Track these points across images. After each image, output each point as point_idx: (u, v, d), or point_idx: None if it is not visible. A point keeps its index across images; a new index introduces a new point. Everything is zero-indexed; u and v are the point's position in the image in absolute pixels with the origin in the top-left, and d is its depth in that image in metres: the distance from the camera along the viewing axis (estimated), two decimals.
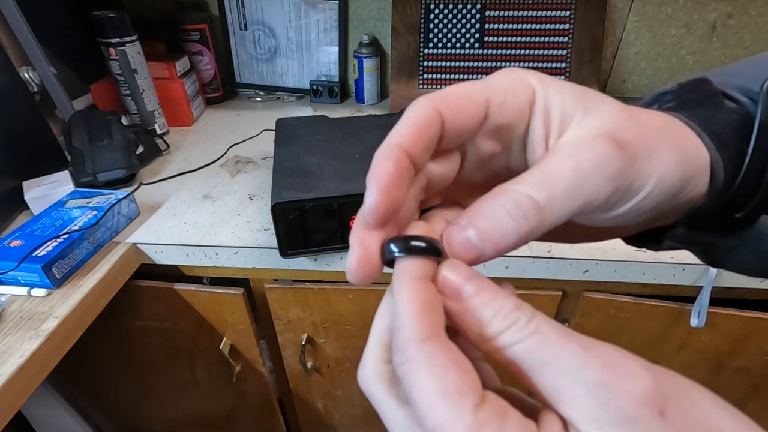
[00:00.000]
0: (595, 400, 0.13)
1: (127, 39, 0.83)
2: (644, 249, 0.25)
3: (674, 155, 0.18)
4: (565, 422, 0.13)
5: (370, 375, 0.17)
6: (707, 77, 0.21)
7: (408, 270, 0.16)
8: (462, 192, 0.21)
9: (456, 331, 0.16)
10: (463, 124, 0.17)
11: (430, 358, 0.14)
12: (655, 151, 0.17)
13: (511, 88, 0.17)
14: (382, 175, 0.16)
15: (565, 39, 0.94)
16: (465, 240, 0.16)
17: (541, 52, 0.95)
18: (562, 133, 0.18)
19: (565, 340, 0.14)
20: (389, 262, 0.17)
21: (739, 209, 0.20)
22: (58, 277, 0.54)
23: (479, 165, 0.20)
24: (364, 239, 0.17)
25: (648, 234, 0.23)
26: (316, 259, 0.61)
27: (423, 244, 0.16)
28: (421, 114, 0.17)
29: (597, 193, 0.16)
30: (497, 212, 0.16)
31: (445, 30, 0.96)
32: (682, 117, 0.20)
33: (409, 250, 0.16)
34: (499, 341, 0.14)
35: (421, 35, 0.97)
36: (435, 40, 0.97)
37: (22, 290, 0.53)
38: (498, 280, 0.16)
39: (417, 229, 0.17)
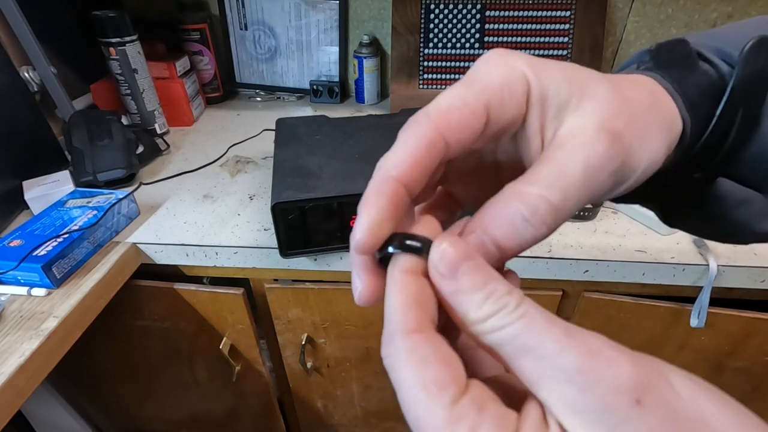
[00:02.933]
0: (573, 385, 0.12)
1: (128, 39, 0.83)
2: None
3: (661, 135, 0.18)
4: (544, 409, 0.14)
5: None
6: (685, 38, 0.22)
7: (400, 263, 0.16)
8: (449, 179, 0.21)
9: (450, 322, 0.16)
10: (466, 141, 0.16)
11: (412, 352, 0.14)
12: (645, 136, 0.17)
13: (506, 85, 0.17)
14: (374, 211, 0.15)
15: (566, 39, 0.94)
16: (481, 247, 0.16)
17: (541, 52, 0.95)
18: (559, 124, 0.17)
19: (549, 325, 0.13)
20: (383, 258, 0.16)
21: (698, 169, 0.21)
22: (58, 277, 0.54)
23: (468, 157, 0.20)
24: (366, 269, 0.17)
25: None
26: (316, 259, 0.61)
27: (418, 244, 0.16)
28: (423, 141, 0.16)
29: (600, 188, 0.16)
30: (514, 219, 0.15)
31: (445, 30, 0.96)
32: (657, 77, 0.20)
33: (404, 248, 0.16)
34: (486, 325, 0.14)
35: (421, 35, 0.97)
36: (435, 40, 0.97)
37: (22, 290, 0.53)
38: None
39: (419, 228, 0.17)
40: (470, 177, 0.21)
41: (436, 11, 0.95)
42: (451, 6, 0.94)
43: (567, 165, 0.16)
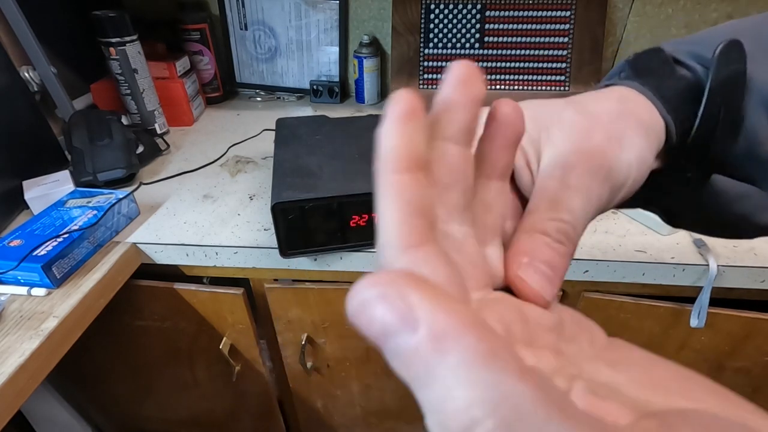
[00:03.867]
0: None
1: (128, 39, 0.83)
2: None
3: (640, 135, 0.20)
4: None
5: None
6: (661, 47, 0.23)
7: (396, 153, 0.13)
8: None
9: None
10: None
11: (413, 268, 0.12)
12: (623, 140, 0.19)
13: None
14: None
15: (566, 39, 0.94)
16: (541, 275, 0.17)
17: (541, 52, 0.95)
18: (539, 158, 0.19)
19: None
20: None
21: (690, 169, 0.22)
22: (58, 277, 0.54)
23: None
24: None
25: None
26: (316, 259, 0.61)
27: None
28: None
29: (600, 196, 0.18)
30: (549, 244, 0.17)
31: (445, 30, 0.96)
32: (636, 85, 0.21)
33: None
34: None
35: (421, 35, 0.97)
36: (435, 40, 0.97)
37: (22, 290, 0.53)
38: None
39: None
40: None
41: (436, 11, 0.95)
42: (451, 6, 0.94)
43: (563, 191, 0.18)
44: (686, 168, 0.22)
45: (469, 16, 0.95)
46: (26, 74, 0.78)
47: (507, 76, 0.97)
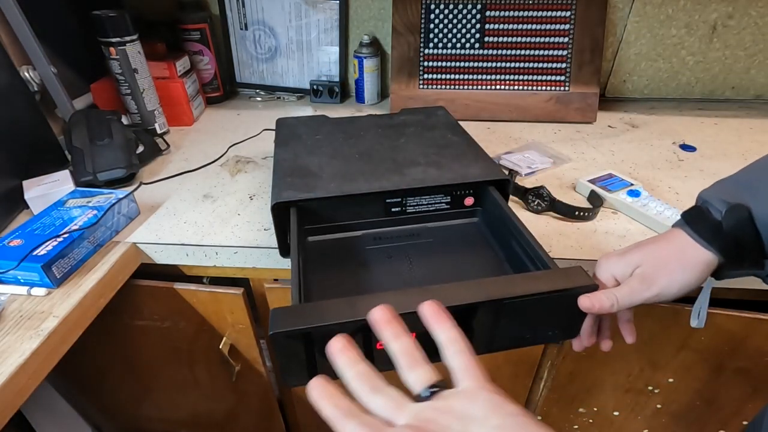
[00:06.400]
0: None
1: (128, 38, 0.83)
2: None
3: (685, 272, 0.39)
4: None
5: None
6: (704, 203, 0.41)
7: None
8: None
9: None
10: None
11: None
12: (671, 274, 0.39)
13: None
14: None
15: (566, 39, 0.94)
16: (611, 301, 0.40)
17: (541, 52, 0.95)
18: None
19: None
20: None
21: (748, 267, 0.39)
22: (58, 277, 0.54)
23: None
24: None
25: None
26: None
27: None
28: None
29: (645, 299, 0.41)
30: (610, 300, 0.40)
31: (445, 30, 0.96)
32: (688, 230, 0.40)
33: None
34: None
35: (422, 35, 0.97)
36: (435, 40, 0.97)
37: (22, 289, 0.53)
38: None
39: None
40: None
41: (436, 11, 0.95)
42: (451, 6, 0.95)
43: (623, 289, 0.41)
44: (746, 267, 0.39)
45: (469, 16, 0.95)
46: (26, 74, 0.78)
47: (507, 76, 0.97)
